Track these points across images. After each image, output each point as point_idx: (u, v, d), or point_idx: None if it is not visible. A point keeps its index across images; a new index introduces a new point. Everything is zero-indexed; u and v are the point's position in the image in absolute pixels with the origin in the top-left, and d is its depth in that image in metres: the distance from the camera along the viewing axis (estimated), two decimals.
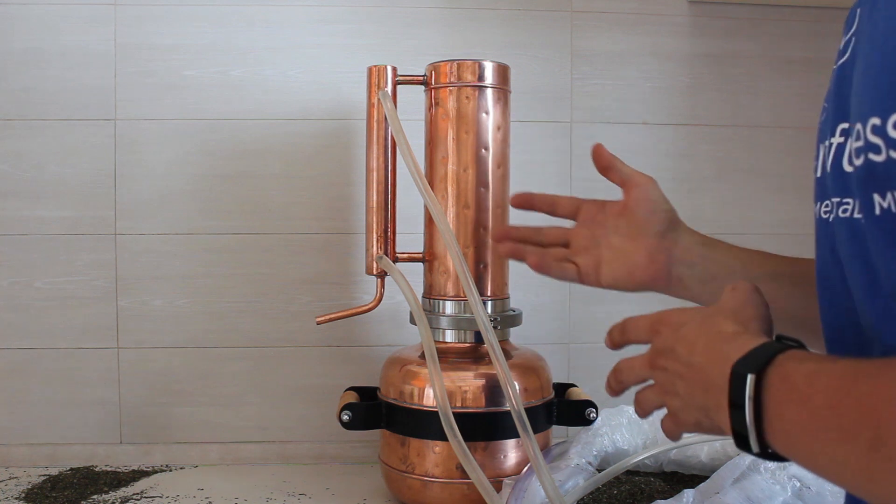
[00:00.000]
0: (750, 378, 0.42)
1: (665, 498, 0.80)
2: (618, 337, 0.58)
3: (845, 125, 0.48)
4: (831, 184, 0.49)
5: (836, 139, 0.49)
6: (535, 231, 0.75)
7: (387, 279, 0.93)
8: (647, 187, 0.72)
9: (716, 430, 0.47)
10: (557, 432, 0.97)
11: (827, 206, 0.50)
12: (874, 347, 0.46)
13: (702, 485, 0.82)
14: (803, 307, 0.65)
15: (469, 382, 0.87)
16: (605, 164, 0.73)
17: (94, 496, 0.92)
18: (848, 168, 0.46)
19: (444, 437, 0.85)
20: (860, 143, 0.44)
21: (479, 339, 0.92)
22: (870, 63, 0.45)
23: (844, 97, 0.49)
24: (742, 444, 0.43)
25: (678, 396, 0.50)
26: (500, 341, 0.93)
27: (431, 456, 0.87)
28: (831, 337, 0.51)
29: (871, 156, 0.43)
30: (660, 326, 0.54)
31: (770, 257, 0.70)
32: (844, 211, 0.48)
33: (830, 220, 0.50)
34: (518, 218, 1.05)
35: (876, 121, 0.42)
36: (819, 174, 0.52)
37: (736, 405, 0.43)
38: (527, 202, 0.76)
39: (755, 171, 1.16)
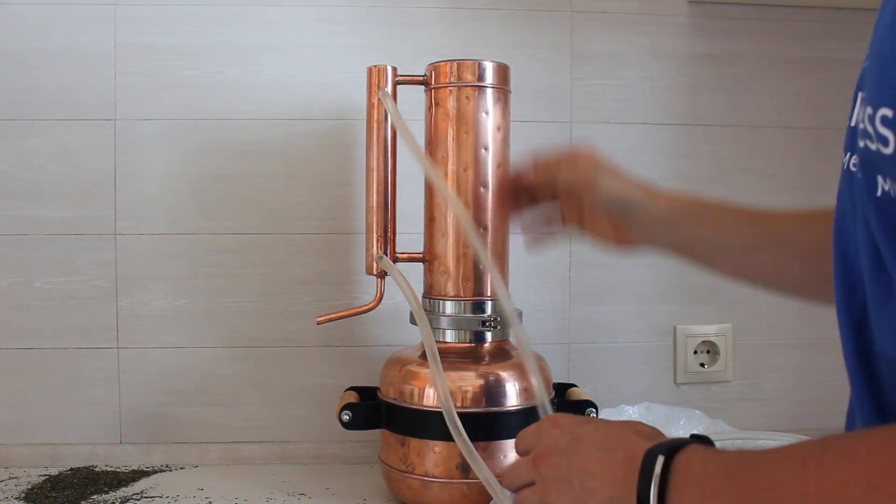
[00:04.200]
0: (660, 459, 0.46)
1: None
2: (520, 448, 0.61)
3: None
4: (848, 139, 0.49)
5: (859, 99, 0.48)
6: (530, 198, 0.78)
7: (387, 279, 0.93)
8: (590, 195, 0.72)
9: None
10: None
11: (850, 157, 0.50)
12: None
13: None
14: (775, 274, 0.68)
15: (469, 382, 0.87)
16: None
17: (94, 496, 0.92)
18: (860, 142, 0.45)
19: (444, 437, 0.85)
20: (868, 127, 0.43)
21: (478, 338, 0.92)
22: (875, 48, 0.44)
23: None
24: None
25: (571, 488, 0.52)
26: (499, 341, 0.93)
27: (431, 456, 0.87)
28: (842, 302, 0.50)
29: (878, 145, 0.42)
30: (551, 425, 0.57)
31: (743, 223, 0.70)
32: (854, 165, 0.47)
33: (849, 171, 0.49)
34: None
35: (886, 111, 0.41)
36: (850, 123, 0.50)
37: (643, 485, 0.47)
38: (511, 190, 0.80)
39: (755, 171, 1.16)
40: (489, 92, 0.91)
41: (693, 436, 0.50)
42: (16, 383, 1.06)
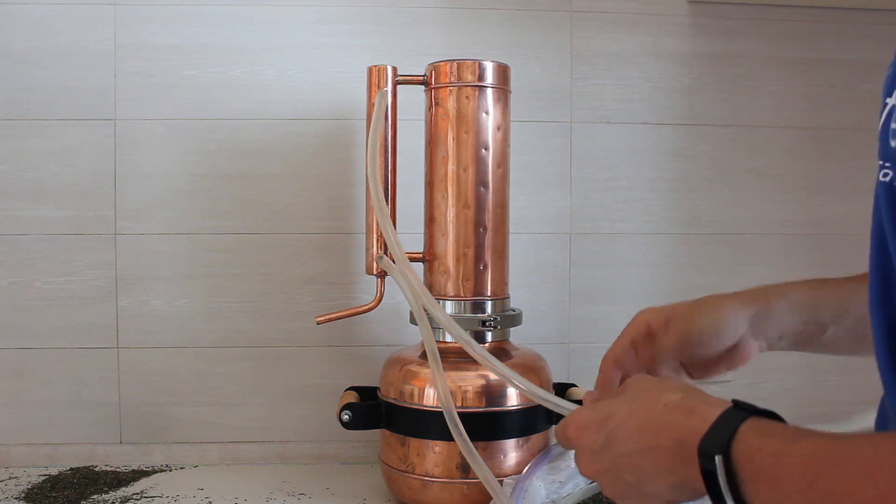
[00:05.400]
0: (718, 459, 0.43)
1: None
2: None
3: None
4: (880, 145, 0.48)
5: (892, 100, 0.47)
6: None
7: (387, 279, 0.93)
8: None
9: (697, 496, 0.47)
10: None
11: (880, 167, 0.49)
12: None
13: None
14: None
15: (469, 382, 0.87)
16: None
17: (94, 496, 0.92)
18: (892, 142, 0.45)
19: (444, 437, 0.85)
20: None
21: (478, 338, 0.92)
22: None
23: None
24: None
25: (631, 486, 0.50)
26: (500, 341, 0.93)
27: (431, 456, 0.87)
28: (876, 298, 0.50)
29: None
30: (578, 430, 0.53)
31: (836, 298, 0.65)
32: (885, 175, 0.47)
33: (879, 180, 0.49)
34: (516, 217, 1.06)
35: None
36: (879, 132, 0.50)
37: (711, 484, 0.43)
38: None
39: (755, 171, 1.16)
40: (489, 92, 0.91)
41: (735, 403, 0.46)
42: (16, 383, 1.06)
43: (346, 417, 0.89)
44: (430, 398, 0.87)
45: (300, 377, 1.09)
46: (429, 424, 0.87)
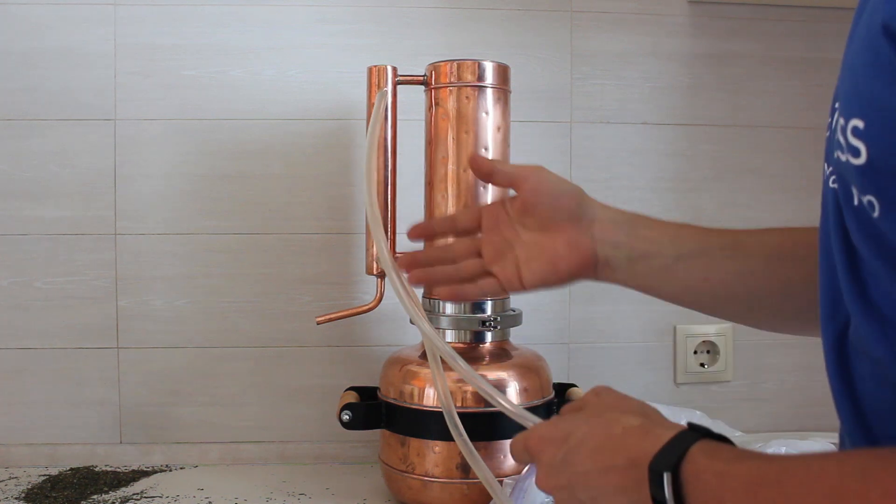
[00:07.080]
0: (666, 476, 0.44)
1: None
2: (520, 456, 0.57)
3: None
4: (828, 151, 0.48)
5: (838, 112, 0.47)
6: (443, 250, 0.70)
7: (387, 279, 0.93)
8: (537, 177, 0.65)
9: None
10: None
11: (827, 170, 0.49)
12: (852, 322, 0.47)
13: None
14: (740, 281, 0.63)
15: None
16: (485, 171, 0.69)
17: (94, 496, 0.92)
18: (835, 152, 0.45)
19: (444, 437, 0.85)
20: (840, 138, 0.43)
21: (478, 338, 0.92)
22: (848, 61, 0.44)
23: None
24: None
25: None
26: (499, 341, 0.93)
27: (431, 456, 0.87)
28: (825, 313, 0.50)
29: (848, 156, 0.42)
30: (539, 444, 0.54)
31: (699, 231, 0.65)
32: (834, 182, 0.47)
33: (829, 186, 0.49)
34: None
35: (857, 122, 0.41)
36: (828, 135, 0.49)
37: (659, 503, 0.44)
38: (425, 231, 0.75)
39: (755, 171, 1.16)
40: (489, 92, 0.91)
41: (690, 426, 0.47)
42: (16, 383, 1.06)
43: (346, 417, 0.89)
44: (430, 398, 0.87)
45: (300, 377, 1.09)
46: (429, 424, 0.87)
